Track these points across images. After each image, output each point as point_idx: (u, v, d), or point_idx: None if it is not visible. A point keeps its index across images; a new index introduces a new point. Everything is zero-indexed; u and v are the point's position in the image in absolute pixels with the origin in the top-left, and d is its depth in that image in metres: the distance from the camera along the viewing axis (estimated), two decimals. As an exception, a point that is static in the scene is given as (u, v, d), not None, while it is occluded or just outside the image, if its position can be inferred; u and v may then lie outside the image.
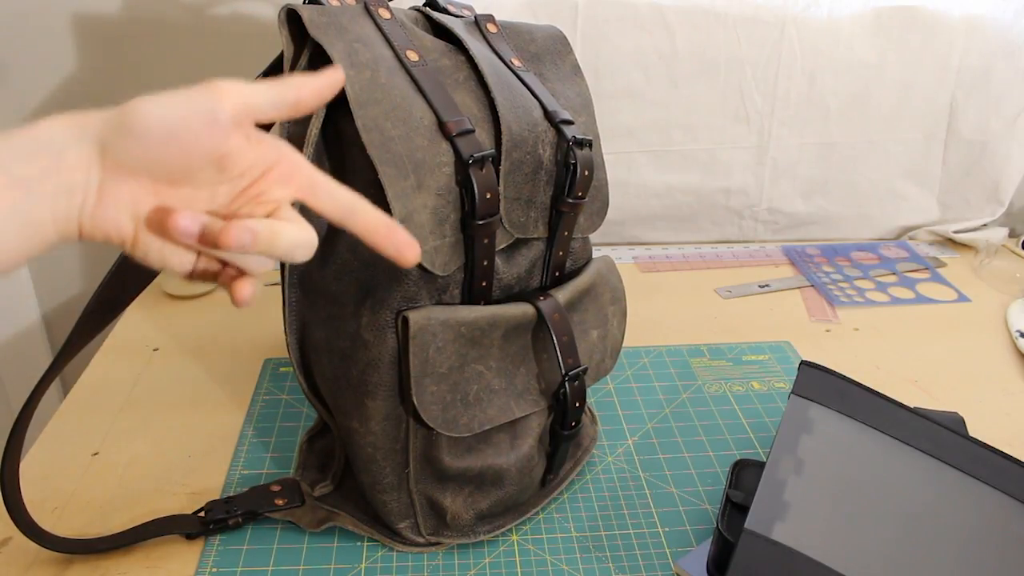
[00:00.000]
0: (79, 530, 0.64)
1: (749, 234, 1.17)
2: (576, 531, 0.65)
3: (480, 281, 0.58)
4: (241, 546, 0.63)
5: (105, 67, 1.03)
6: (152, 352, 0.87)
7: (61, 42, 1.01)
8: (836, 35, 1.04)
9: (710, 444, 0.75)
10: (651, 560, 0.63)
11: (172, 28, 1.01)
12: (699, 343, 0.91)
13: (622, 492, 0.69)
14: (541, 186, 0.60)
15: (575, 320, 0.64)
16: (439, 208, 0.55)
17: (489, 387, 0.59)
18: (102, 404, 0.79)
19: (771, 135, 1.09)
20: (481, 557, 0.63)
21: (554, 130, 0.60)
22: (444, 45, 0.60)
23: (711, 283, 1.05)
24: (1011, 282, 1.06)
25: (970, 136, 1.12)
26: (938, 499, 0.57)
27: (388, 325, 0.56)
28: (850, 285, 1.05)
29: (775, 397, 0.82)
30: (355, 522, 0.63)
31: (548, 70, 0.66)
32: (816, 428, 0.61)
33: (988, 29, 1.05)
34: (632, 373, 0.86)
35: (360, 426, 0.59)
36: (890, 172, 1.14)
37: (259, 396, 0.80)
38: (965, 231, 1.16)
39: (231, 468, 0.71)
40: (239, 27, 1.01)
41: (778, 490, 0.56)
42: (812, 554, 0.52)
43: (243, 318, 0.93)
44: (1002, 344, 0.93)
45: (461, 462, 0.61)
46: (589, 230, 0.66)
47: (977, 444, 0.61)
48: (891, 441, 0.61)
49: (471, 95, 0.58)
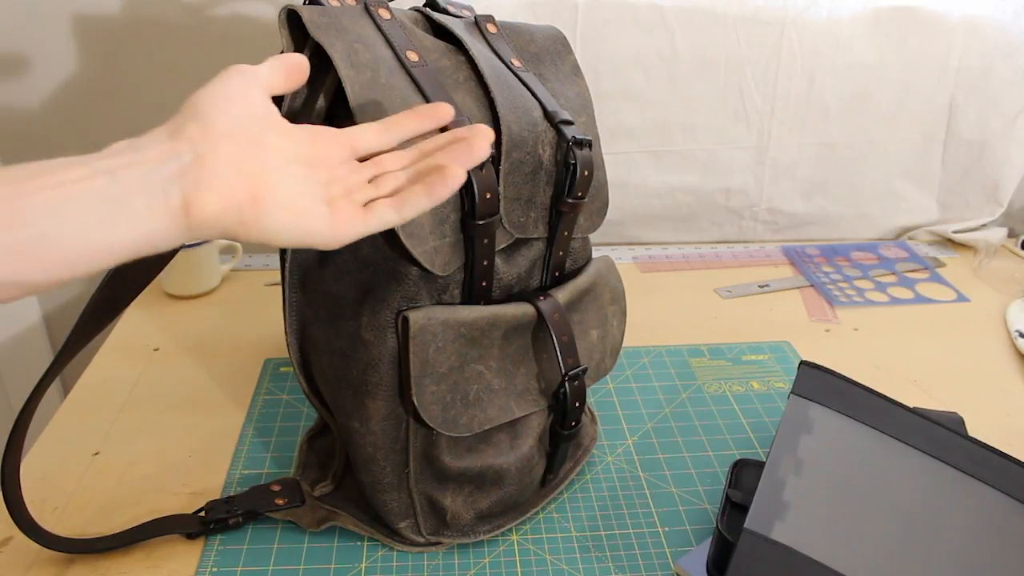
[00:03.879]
0: (79, 530, 0.64)
1: (749, 234, 1.18)
2: (576, 531, 0.65)
3: (480, 281, 0.59)
4: (241, 546, 0.63)
5: (105, 67, 1.03)
6: (152, 352, 0.87)
7: (61, 42, 1.01)
8: (836, 35, 1.04)
9: (710, 444, 0.75)
10: (651, 560, 0.63)
11: (172, 28, 1.01)
12: (699, 343, 0.91)
13: (622, 492, 0.69)
14: (541, 186, 0.60)
15: (575, 320, 0.64)
16: (439, 208, 0.55)
17: (489, 387, 0.59)
18: (102, 404, 0.79)
19: (771, 135, 1.09)
20: (481, 557, 0.63)
21: (554, 130, 0.60)
22: (444, 45, 0.60)
23: (711, 283, 1.05)
24: (1010, 282, 1.06)
25: (969, 136, 1.12)
26: (938, 499, 0.57)
27: (388, 325, 0.56)
28: (850, 285, 1.05)
29: (775, 397, 0.82)
30: (355, 522, 0.63)
31: (548, 70, 0.66)
32: (816, 428, 0.61)
33: (988, 29, 1.05)
34: (632, 373, 0.86)
35: (360, 426, 0.59)
36: (890, 172, 1.14)
37: (259, 396, 0.80)
38: (964, 231, 1.17)
39: (231, 468, 0.71)
40: (239, 27, 1.01)
41: (778, 490, 0.56)
42: (812, 554, 0.52)
43: (243, 318, 0.93)
44: (1001, 344, 0.93)
45: (461, 462, 0.61)
46: (589, 230, 0.66)
47: (977, 444, 0.61)
48: (891, 441, 0.61)
49: (471, 95, 0.58)
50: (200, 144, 0.38)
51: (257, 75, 0.43)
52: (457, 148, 0.45)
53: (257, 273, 1.03)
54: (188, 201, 0.37)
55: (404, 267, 0.55)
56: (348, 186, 0.43)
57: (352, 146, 0.46)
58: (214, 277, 0.99)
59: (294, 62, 0.45)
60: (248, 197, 0.39)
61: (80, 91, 1.04)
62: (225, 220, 0.38)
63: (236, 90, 0.41)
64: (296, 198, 0.40)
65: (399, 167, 0.46)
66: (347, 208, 0.42)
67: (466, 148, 0.44)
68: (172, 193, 0.37)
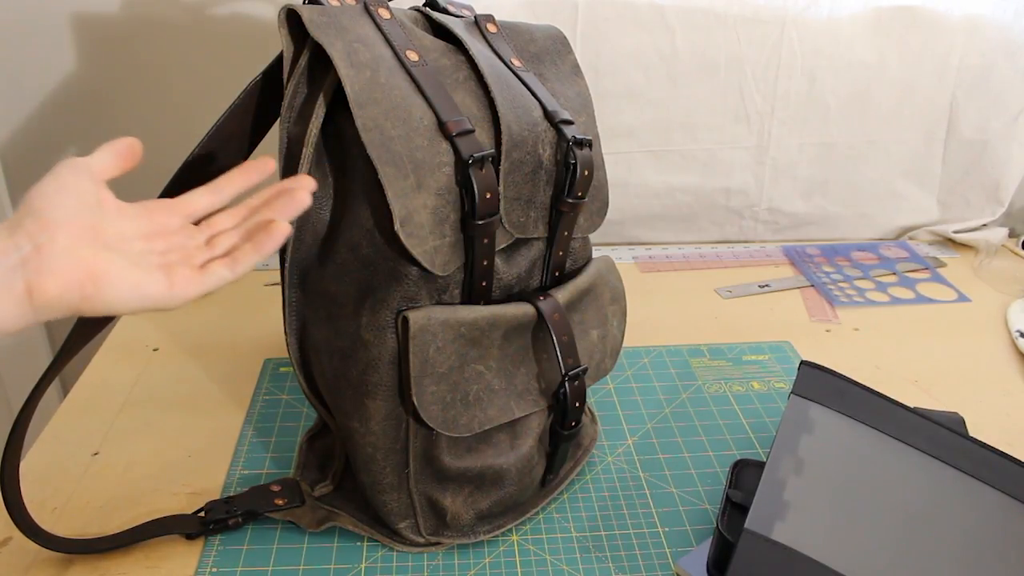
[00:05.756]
0: (79, 530, 0.64)
1: (749, 234, 1.17)
2: (576, 531, 0.65)
3: (480, 281, 0.58)
4: (241, 546, 0.63)
5: (105, 67, 1.03)
6: (152, 352, 0.87)
7: (61, 42, 1.01)
8: (836, 35, 1.04)
9: (710, 444, 0.75)
10: (651, 560, 0.63)
11: (172, 28, 1.01)
12: (699, 343, 0.91)
13: (622, 492, 0.69)
14: (541, 186, 0.60)
15: (575, 320, 0.63)
16: (439, 208, 0.55)
17: (489, 387, 0.59)
18: (102, 404, 0.79)
19: (771, 135, 1.09)
20: (481, 557, 0.63)
21: (554, 130, 0.60)
22: (444, 45, 0.60)
23: (711, 283, 1.05)
24: (1011, 282, 1.06)
25: (970, 136, 1.12)
26: (938, 499, 0.57)
27: (388, 325, 0.56)
28: (850, 285, 1.05)
29: (775, 397, 0.82)
30: (355, 522, 0.63)
31: (548, 70, 0.66)
32: (816, 428, 0.61)
33: (988, 29, 1.05)
34: (632, 373, 0.86)
35: (360, 426, 0.59)
36: (890, 172, 1.14)
37: (259, 396, 0.80)
38: (965, 231, 1.16)
39: (231, 468, 0.71)
40: (239, 27, 1.01)
41: (778, 490, 0.56)
42: (812, 554, 0.52)
43: (243, 318, 0.93)
44: (1002, 344, 0.93)
45: (461, 462, 0.61)
46: (589, 230, 0.66)
47: (977, 444, 0.61)
48: (891, 441, 0.61)
49: (471, 95, 0.58)
50: (38, 236, 0.42)
51: (88, 166, 0.46)
52: (282, 201, 0.49)
53: (257, 273, 1.03)
54: (31, 287, 0.41)
55: (404, 267, 0.55)
56: (186, 251, 0.47)
57: (187, 212, 0.50)
58: (214, 277, 0.98)
59: (124, 146, 0.49)
60: (86, 276, 0.42)
61: (80, 91, 1.04)
62: (68, 299, 0.42)
63: (67, 183, 0.45)
64: (131, 270, 0.44)
65: (231, 225, 0.49)
66: (184, 272, 0.46)
67: (289, 199, 0.49)
68: (16, 282, 0.41)
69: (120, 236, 0.45)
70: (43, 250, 0.41)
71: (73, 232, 0.43)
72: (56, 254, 0.42)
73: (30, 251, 0.41)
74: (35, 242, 0.42)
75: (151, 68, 1.03)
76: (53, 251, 0.42)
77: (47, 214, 0.43)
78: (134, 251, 0.45)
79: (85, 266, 0.42)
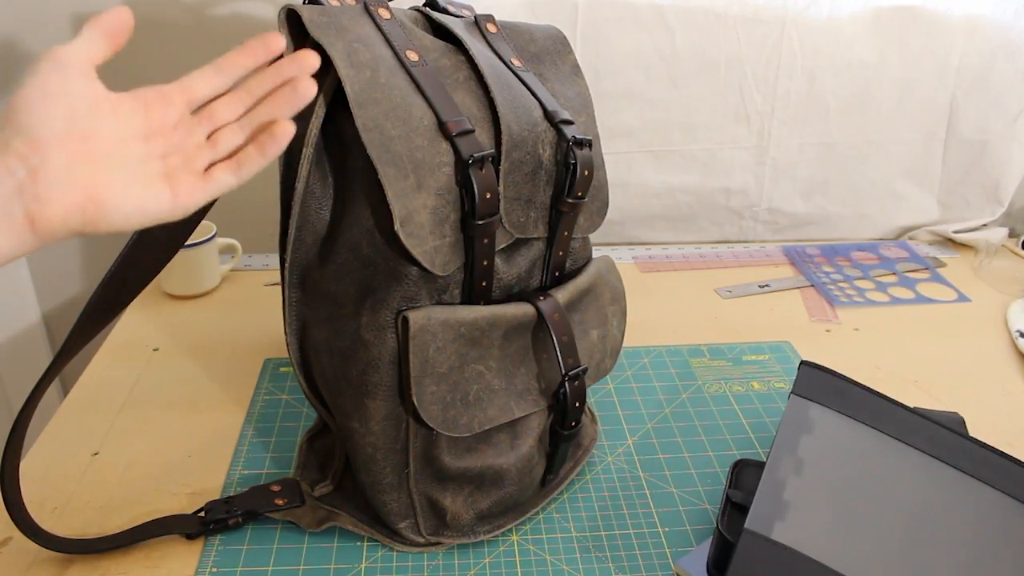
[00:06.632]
0: (79, 530, 0.64)
1: (749, 234, 1.17)
2: (576, 531, 0.65)
3: (480, 281, 0.58)
4: (241, 546, 0.63)
5: (105, 67, 1.03)
6: (152, 352, 0.87)
7: (61, 42, 1.00)
8: (836, 35, 1.04)
9: (710, 444, 0.75)
10: (651, 560, 0.63)
11: (172, 28, 1.01)
12: (699, 343, 0.91)
13: (622, 492, 0.69)
14: (541, 186, 0.60)
15: (575, 320, 0.63)
16: (439, 208, 0.55)
17: (489, 387, 0.59)
18: (102, 404, 0.79)
19: (771, 135, 1.09)
20: (481, 557, 0.63)
21: (554, 130, 0.60)
22: (444, 45, 0.60)
23: (711, 283, 1.05)
24: (1011, 282, 1.06)
25: (970, 136, 1.12)
26: (938, 499, 0.57)
27: (388, 325, 0.56)
28: (850, 285, 1.05)
29: (775, 397, 0.82)
30: (355, 522, 0.63)
31: (548, 70, 0.66)
32: (816, 428, 0.61)
33: (988, 29, 1.05)
34: (632, 373, 0.86)
35: (360, 426, 0.59)
36: (890, 172, 1.14)
37: (259, 396, 0.80)
38: (965, 231, 1.16)
39: (231, 468, 0.71)
40: (239, 27, 1.01)
41: (778, 490, 0.56)
42: (812, 554, 0.52)
43: (243, 318, 0.93)
44: (1002, 344, 0.93)
45: (461, 462, 0.61)
46: (589, 230, 0.66)
47: (977, 444, 0.61)
48: (891, 441, 0.61)
49: (471, 95, 0.58)
50: (30, 158, 0.40)
51: (74, 58, 0.43)
52: (283, 94, 0.46)
53: (257, 273, 1.03)
54: (31, 216, 0.40)
55: (404, 267, 0.55)
56: (186, 153, 0.45)
57: (187, 99, 0.47)
58: (214, 277, 0.99)
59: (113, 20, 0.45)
60: (87, 199, 0.41)
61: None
62: (70, 224, 0.41)
63: (53, 87, 0.42)
64: (133, 186, 0.42)
65: (233, 117, 0.47)
66: (187, 179, 0.44)
67: (291, 92, 0.46)
68: (15, 210, 0.39)
69: (117, 139, 0.43)
70: (39, 176, 0.39)
71: (67, 149, 0.40)
72: (53, 180, 0.40)
73: (25, 176, 0.39)
74: (28, 165, 0.39)
75: (151, 68, 1.03)
76: (49, 176, 0.40)
77: (36, 131, 0.40)
78: (133, 157, 0.43)
79: (85, 188, 0.40)
